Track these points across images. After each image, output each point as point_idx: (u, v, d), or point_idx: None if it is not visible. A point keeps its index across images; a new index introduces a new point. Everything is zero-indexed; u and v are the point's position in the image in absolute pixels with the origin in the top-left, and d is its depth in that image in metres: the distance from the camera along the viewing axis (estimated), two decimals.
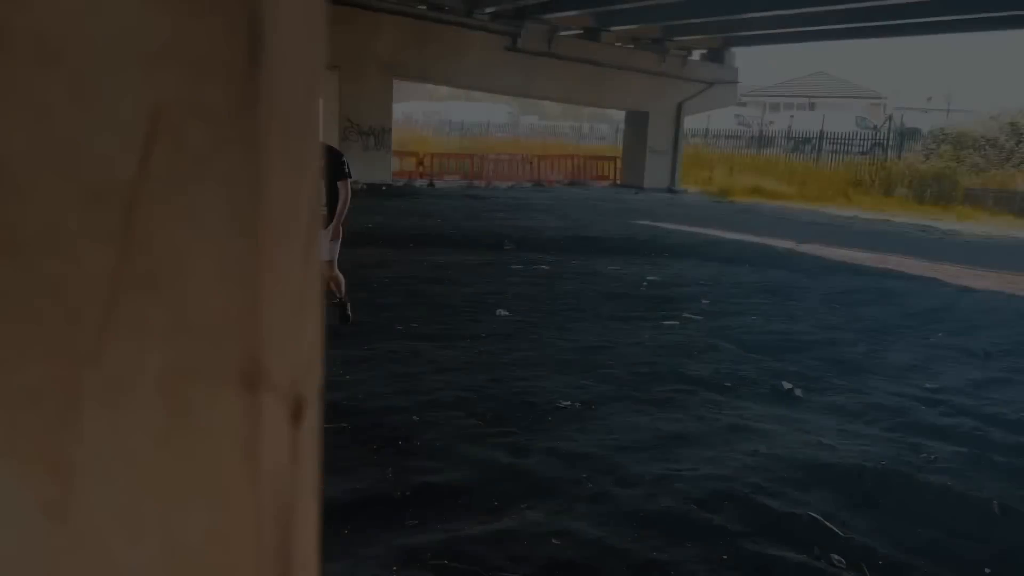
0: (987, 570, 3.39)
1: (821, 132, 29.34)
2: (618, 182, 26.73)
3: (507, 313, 7.49)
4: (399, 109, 55.70)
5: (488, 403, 4.96)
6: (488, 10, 22.07)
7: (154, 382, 0.26)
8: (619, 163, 27.31)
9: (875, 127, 31.28)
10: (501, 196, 20.74)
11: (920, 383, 5.97)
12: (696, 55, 27.82)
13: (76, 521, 0.26)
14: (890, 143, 27.71)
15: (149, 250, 0.25)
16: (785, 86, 55.85)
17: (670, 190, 25.98)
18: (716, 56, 27.70)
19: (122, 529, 0.26)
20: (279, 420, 0.28)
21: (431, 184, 23.25)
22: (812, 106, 49.98)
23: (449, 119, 49.61)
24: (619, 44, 25.74)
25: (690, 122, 29.29)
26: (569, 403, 5.05)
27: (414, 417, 4.62)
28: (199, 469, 0.27)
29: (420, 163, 24.32)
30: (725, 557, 3.30)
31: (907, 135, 28.42)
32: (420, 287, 8.45)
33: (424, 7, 21.86)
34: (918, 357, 6.76)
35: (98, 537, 0.26)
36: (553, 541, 3.33)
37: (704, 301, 8.56)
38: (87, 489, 0.26)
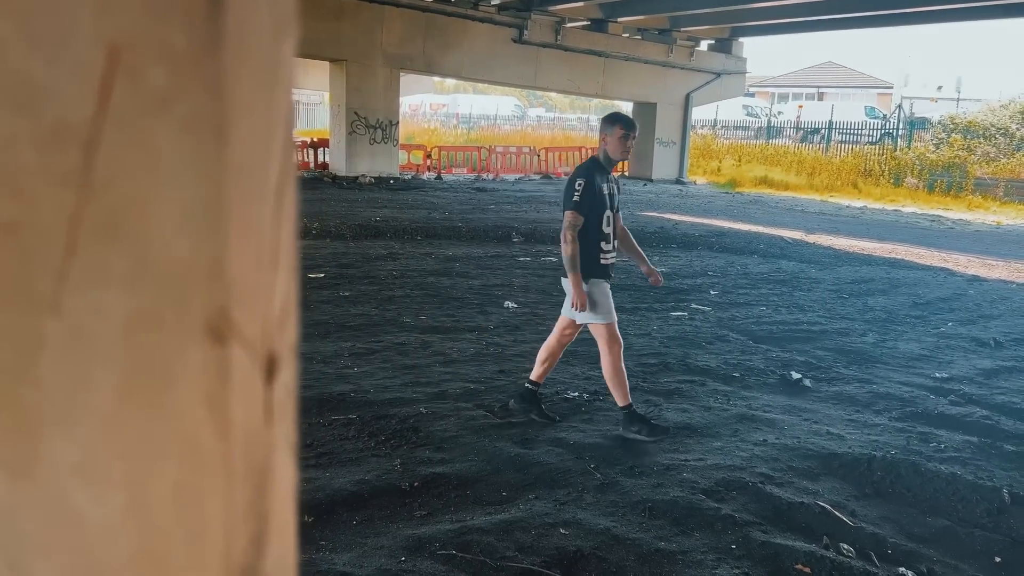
0: (997, 559, 3.38)
1: (830, 122, 29.20)
2: (626, 174, 26.67)
3: (515, 305, 7.49)
4: (405, 102, 55.75)
5: (496, 394, 4.96)
6: (494, 1, 22.03)
7: (117, 332, 0.25)
8: None
9: (884, 116, 31.13)
10: (509, 189, 20.72)
11: (930, 372, 5.94)
12: (704, 45, 27.70)
13: (38, 476, 0.25)
14: (899, 132, 27.56)
15: (109, 194, 0.24)
16: (794, 76, 55.60)
17: (678, 181, 25.92)
18: (724, 46, 27.59)
19: (86, 484, 0.25)
20: (250, 376, 0.28)
21: (439, 177, 23.24)
22: (821, 96, 49.78)
23: (456, 111, 49.61)
24: (626, 35, 25.66)
25: (698, 113, 29.21)
26: (577, 394, 5.04)
27: (422, 408, 4.63)
28: (166, 423, 0.26)
29: (428, 156, 24.31)
30: (733, 546, 3.29)
31: (917, 124, 28.26)
32: (428, 280, 8.45)
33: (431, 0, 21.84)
34: (928, 347, 6.73)
35: (61, 492, 0.25)
36: (561, 531, 3.33)
37: (712, 292, 8.54)
38: (49, 443, 0.25)
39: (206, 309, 0.26)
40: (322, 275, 8.33)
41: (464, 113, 47.75)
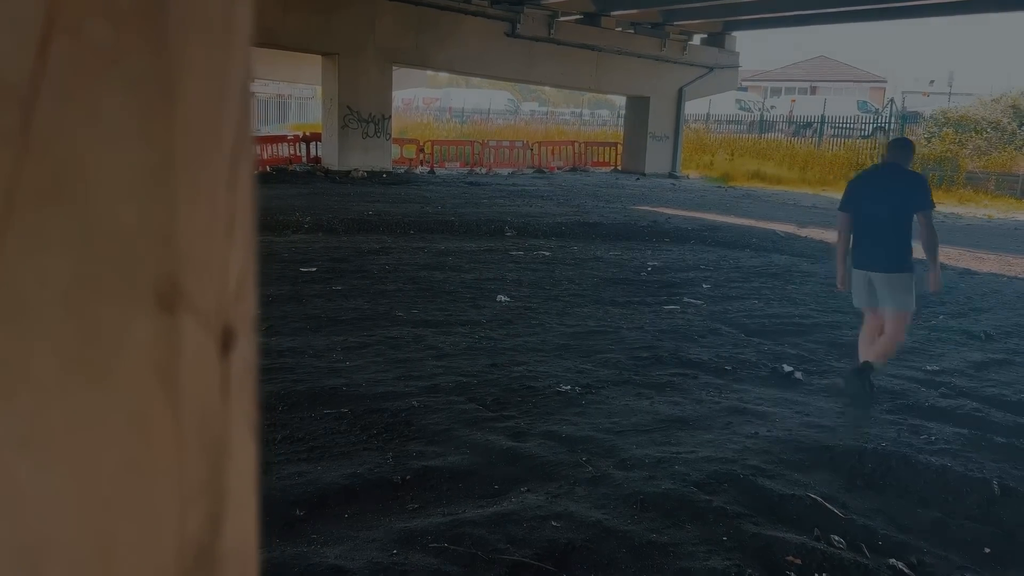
0: (987, 549, 3.39)
1: (822, 116, 29.22)
2: (619, 168, 26.67)
3: (508, 299, 7.48)
4: (399, 96, 55.79)
5: (488, 388, 4.95)
6: None
7: (60, 298, 0.24)
8: (620, 149, 27.24)
9: (876, 110, 31.17)
10: (502, 183, 20.71)
11: (921, 365, 5.95)
12: (696, 40, 27.69)
13: None
14: (891, 126, 27.60)
15: (50, 155, 0.23)
16: (786, 71, 55.63)
17: (671, 175, 25.93)
18: (716, 40, 27.58)
19: (28, 456, 0.25)
20: (204, 348, 0.27)
21: (432, 171, 23.21)
22: (814, 90, 49.82)
23: (449, 106, 49.57)
24: (619, 29, 25.63)
25: (691, 107, 29.20)
26: (569, 387, 5.03)
27: (414, 402, 4.62)
28: (113, 394, 0.25)
29: (420, 150, 24.26)
30: (725, 538, 3.30)
31: (909, 118, 28.30)
32: (421, 274, 8.43)
33: None
34: (919, 339, 6.74)
35: (4, 465, 0.24)
36: (553, 523, 3.33)
37: (705, 285, 8.54)
38: None
39: (154, 277, 0.25)
40: (314, 269, 8.31)
41: (457, 107, 47.71)
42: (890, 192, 4.98)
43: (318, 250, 9.55)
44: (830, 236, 13.25)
